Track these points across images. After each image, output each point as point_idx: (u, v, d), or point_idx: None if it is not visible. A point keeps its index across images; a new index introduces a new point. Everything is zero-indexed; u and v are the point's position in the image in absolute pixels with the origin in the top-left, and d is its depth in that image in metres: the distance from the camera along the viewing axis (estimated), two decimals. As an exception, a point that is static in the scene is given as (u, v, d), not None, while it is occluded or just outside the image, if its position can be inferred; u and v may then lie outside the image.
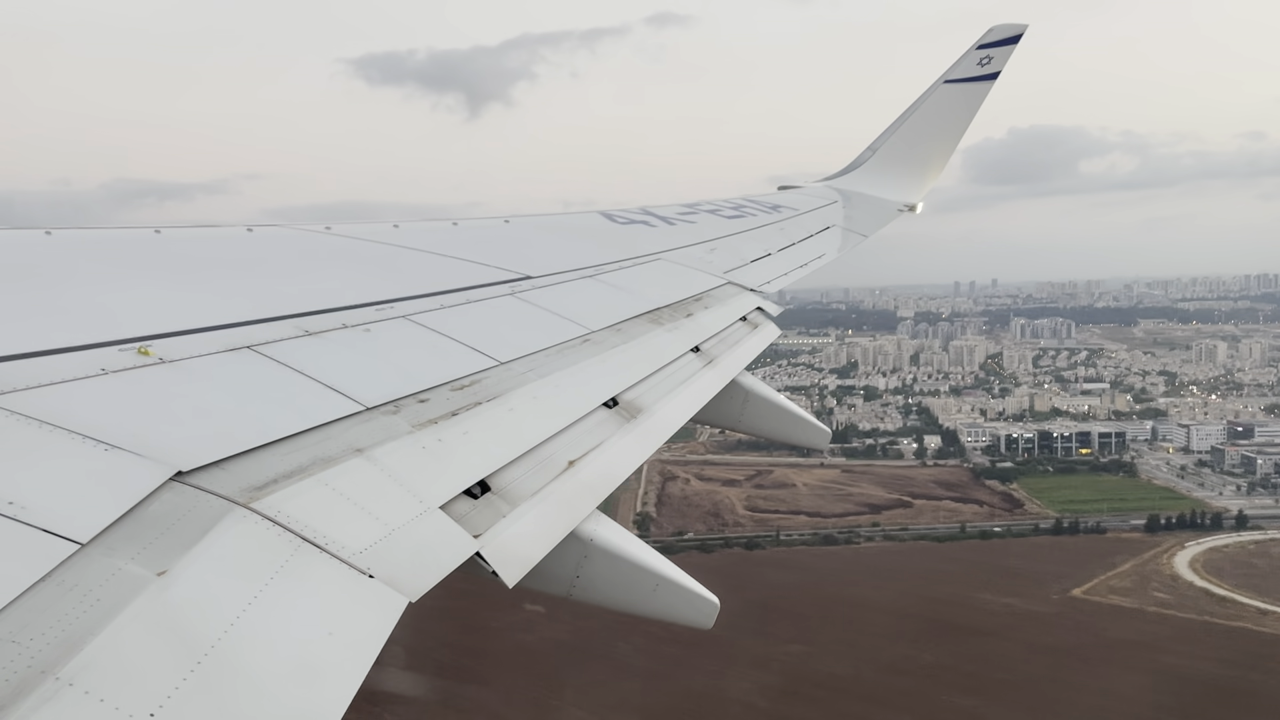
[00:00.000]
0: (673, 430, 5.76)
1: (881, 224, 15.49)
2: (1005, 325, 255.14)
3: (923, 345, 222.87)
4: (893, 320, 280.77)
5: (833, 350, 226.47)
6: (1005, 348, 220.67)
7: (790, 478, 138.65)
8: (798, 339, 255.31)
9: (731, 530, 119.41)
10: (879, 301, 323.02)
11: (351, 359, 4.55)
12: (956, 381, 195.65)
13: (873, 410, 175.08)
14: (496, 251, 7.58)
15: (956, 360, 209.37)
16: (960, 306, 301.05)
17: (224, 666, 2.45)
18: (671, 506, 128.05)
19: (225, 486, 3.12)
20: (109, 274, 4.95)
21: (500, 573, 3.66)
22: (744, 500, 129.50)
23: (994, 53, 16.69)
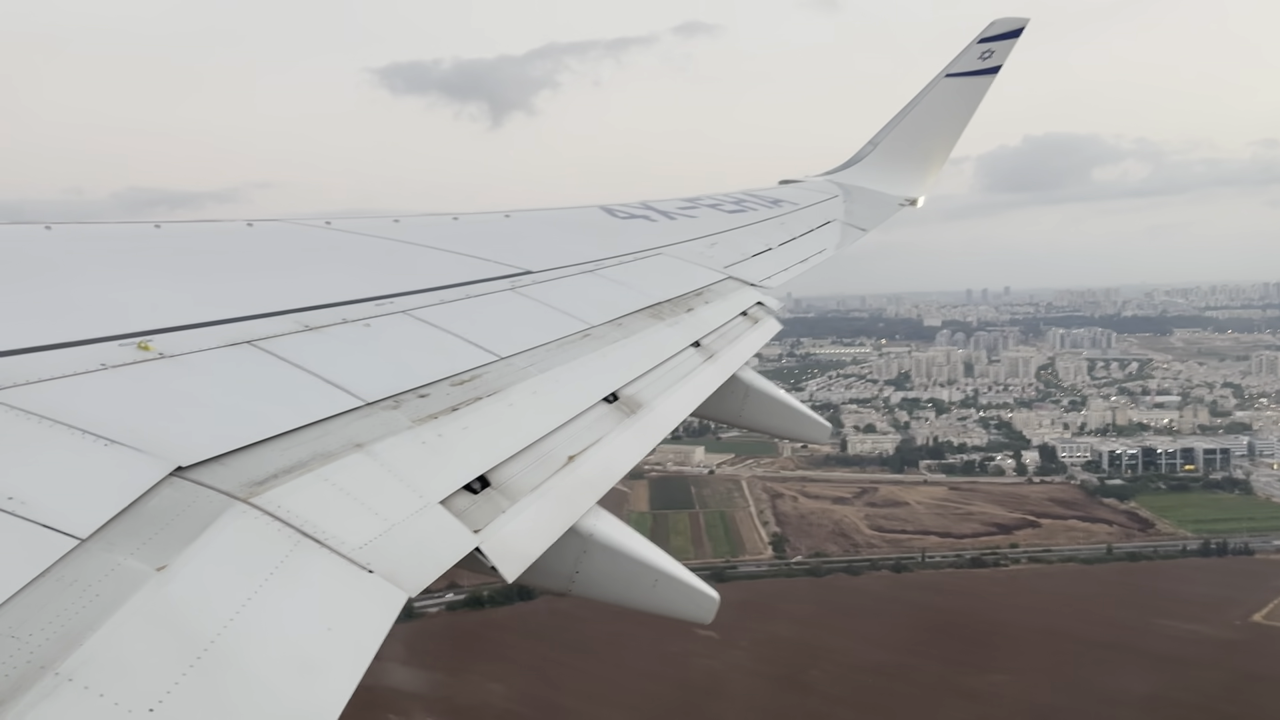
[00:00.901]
0: (673, 425, 5.77)
1: (883, 218, 15.47)
2: (1038, 334, 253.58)
3: (969, 356, 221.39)
4: (920, 329, 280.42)
5: (880, 362, 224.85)
6: (1055, 358, 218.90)
7: (898, 495, 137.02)
8: (833, 349, 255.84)
9: (866, 551, 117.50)
10: (900, 310, 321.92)
11: (351, 354, 4.55)
12: (1019, 393, 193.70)
13: (949, 424, 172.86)
14: (497, 246, 7.57)
15: (1011, 371, 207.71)
16: (984, 315, 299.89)
17: (223, 662, 2.45)
18: (793, 526, 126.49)
19: (225, 482, 3.12)
20: (109, 269, 4.95)
21: (500, 568, 3.66)
22: (864, 519, 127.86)
23: (995, 46, 16.65)
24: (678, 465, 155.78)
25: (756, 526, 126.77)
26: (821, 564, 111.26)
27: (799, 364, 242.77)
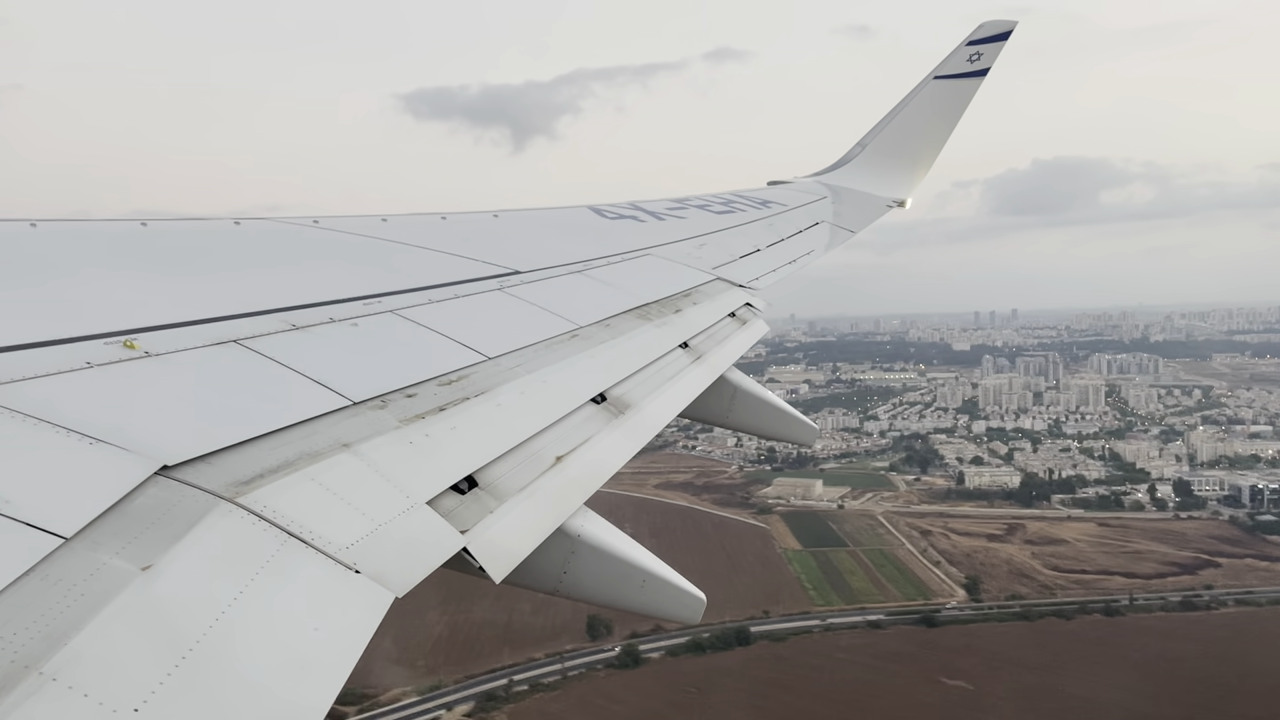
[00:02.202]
0: (661, 426, 5.77)
1: (870, 220, 15.51)
2: (1075, 359, 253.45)
3: (1029, 383, 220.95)
4: (950, 353, 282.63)
5: (945, 389, 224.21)
6: (1123, 386, 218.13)
7: (1049, 532, 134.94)
8: (875, 373, 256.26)
9: (1058, 592, 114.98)
10: (921, 334, 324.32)
11: (338, 354, 4.54)
12: (1099, 422, 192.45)
13: (1052, 456, 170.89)
14: (485, 246, 7.56)
15: (1081, 399, 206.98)
16: (1009, 339, 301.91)
17: (209, 661, 2.44)
18: (964, 565, 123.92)
19: (211, 481, 3.11)
20: (95, 267, 4.92)
21: (487, 568, 3.66)
22: (1032, 557, 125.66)
23: (984, 49, 16.73)
24: (802, 500, 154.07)
25: (928, 566, 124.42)
26: (1032, 608, 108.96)
27: (851, 390, 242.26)
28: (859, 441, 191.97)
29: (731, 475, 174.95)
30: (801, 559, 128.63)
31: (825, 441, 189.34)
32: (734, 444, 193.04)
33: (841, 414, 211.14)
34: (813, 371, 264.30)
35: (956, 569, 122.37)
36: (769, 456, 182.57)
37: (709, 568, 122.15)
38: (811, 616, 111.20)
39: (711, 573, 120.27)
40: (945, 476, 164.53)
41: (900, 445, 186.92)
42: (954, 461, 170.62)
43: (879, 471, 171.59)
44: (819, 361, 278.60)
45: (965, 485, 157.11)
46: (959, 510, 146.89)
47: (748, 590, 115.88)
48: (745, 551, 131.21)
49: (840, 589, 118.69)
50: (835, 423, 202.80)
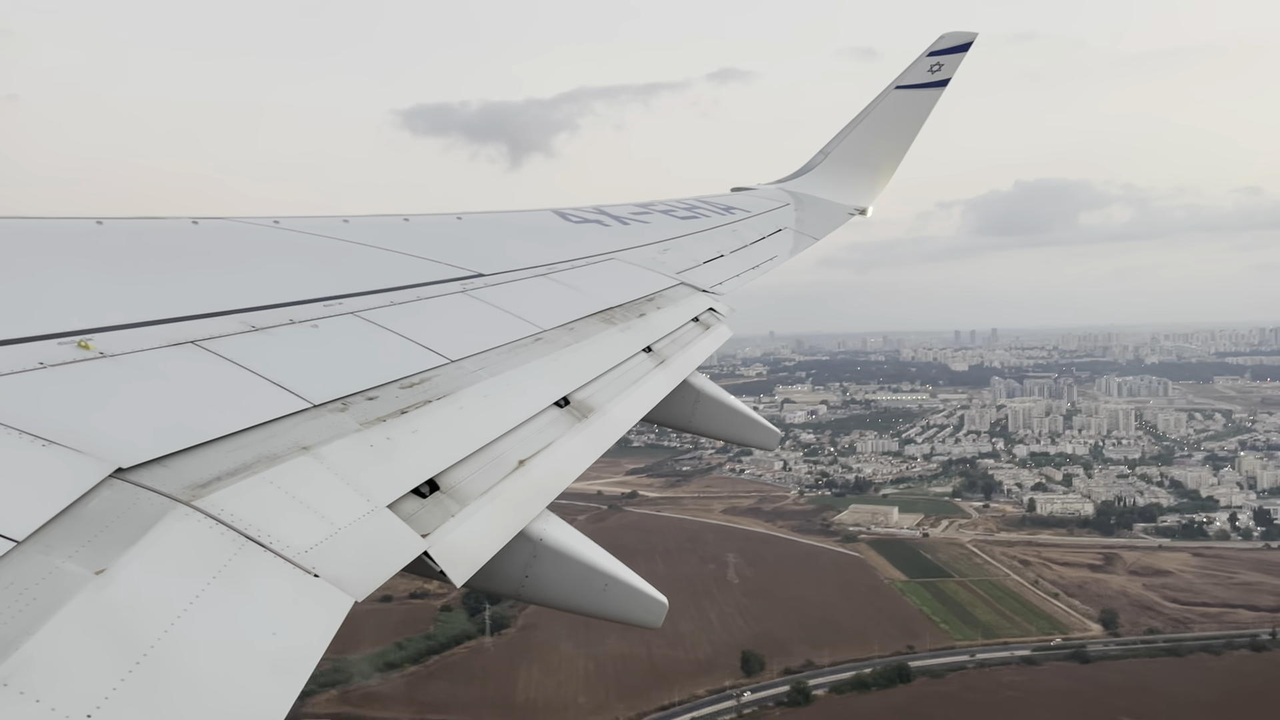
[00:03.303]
0: (624, 430, 5.77)
1: (832, 227, 15.64)
2: (1080, 381, 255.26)
3: (1051, 406, 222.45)
4: (948, 373, 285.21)
5: (972, 412, 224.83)
6: (1153, 410, 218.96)
7: (1147, 562, 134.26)
8: (887, 395, 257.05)
9: (1187, 625, 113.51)
10: (918, 354, 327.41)
11: (298, 355, 4.49)
12: (1140, 447, 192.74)
13: (1111, 481, 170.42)
14: (449, 248, 7.53)
15: (1112, 423, 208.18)
16: (1003, 359, 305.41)
17: (164, 667, 2.41)
18: (1085, 598, 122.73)
19: (167, 484, 3.07)
20: (48, 265, 4.84)
21: (448, 572, 3.64)
22: (1145, 588, 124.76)
23: (944, 60, 16.95)
24: (882, 527, 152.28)
25: (1046, 598, 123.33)
26: (1178, 643, 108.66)
27: (869, 411, 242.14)
28: (907, 466, 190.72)
29: (795, 501, 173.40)
30: (914, 590, 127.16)
31: (875, 466, 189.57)
32: (780, 467, 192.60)
33: (874, 437, 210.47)
34: (821, 391, 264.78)
35: (1076, 601, 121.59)
36: (827, 482, 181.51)
37: (826, 599, 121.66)
38: (958, 651, 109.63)
39: (831, 604, 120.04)
40: (1012, 503, 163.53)
41: (951, 470, 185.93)
42: (1015, 487, 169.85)
43: (942, 498, 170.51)
44: (825, 381, 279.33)
45: (1037, 512, 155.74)
46: (1043, 539, 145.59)
47: (875, 623, 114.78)
48: (854, 583, 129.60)
49: (970, 622, 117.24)
50: (874, 446, 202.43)
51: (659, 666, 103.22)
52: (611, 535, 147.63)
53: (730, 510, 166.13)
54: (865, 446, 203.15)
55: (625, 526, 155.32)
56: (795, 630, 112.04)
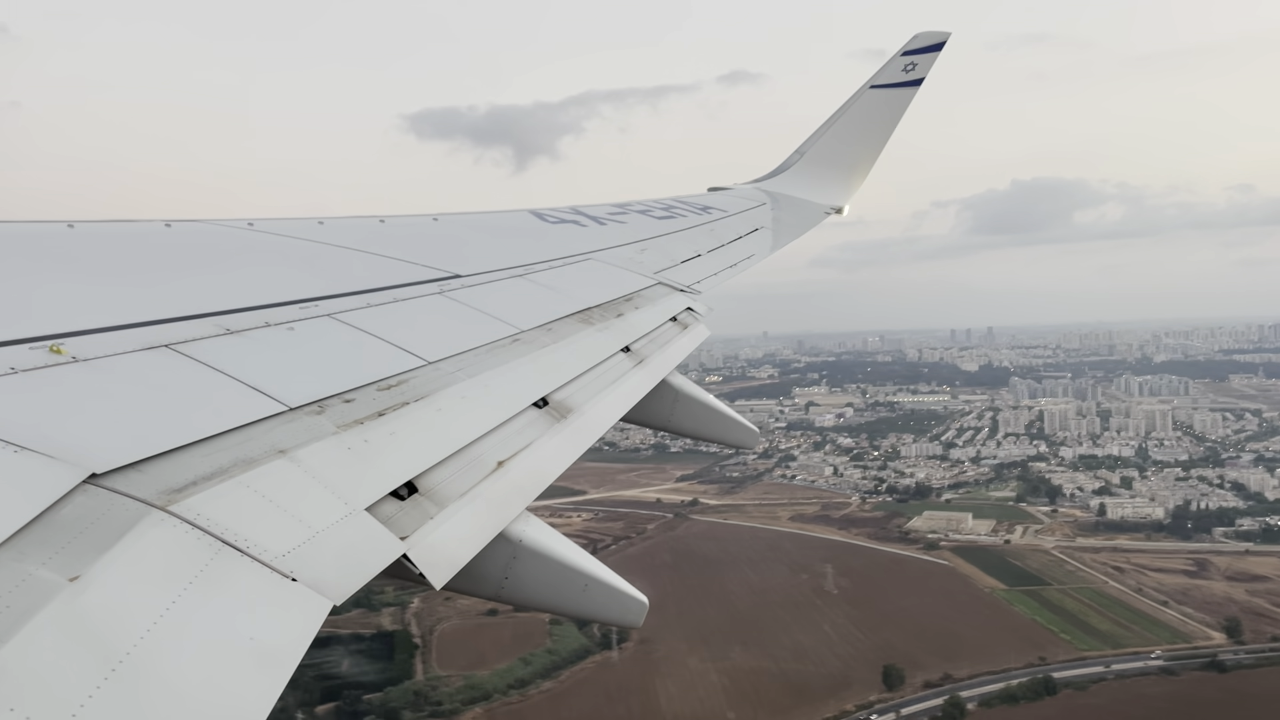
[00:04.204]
0: (604, 430, 5.77)
1: (809, 226, 15.70)
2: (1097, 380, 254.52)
3: (1082, 407, 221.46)
4: (959, 372, 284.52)
5: (1005, 414, 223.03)
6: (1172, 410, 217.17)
7: (1239, 567, 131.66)
8: (910, 396, 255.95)
9: None
10: (925, 355, 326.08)
11: (274, 358, 4.46)
12: (1184, 448, 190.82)
13: (1169, 484, 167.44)
14: (425, 250, 7.50)
15: (1149, 424, 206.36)
16: (1010, 359, 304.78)
17: (141, 673, 2.39)
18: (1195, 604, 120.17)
19: (142, 489, 3.04)
20: (19, 269, 4.78)
21: (427, 575, 3.63)
22: (1251, 594, 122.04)
23: (918, 59, 17.05)
24: (961, 534, 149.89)
25: (1157, 606, 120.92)
26: None
27: (894, 414, 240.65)
28: (959, 470, 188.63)
29: (860, 507, 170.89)
30: (1019, 599, 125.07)
31: (926, 470, 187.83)
32: (831, 473, 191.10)
33: (912, 440, 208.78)
34: (839, 394, 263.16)
35: (1188, 608, 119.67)
36: (887, 488, 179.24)
37: (933, 609, 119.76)
38: (1091, 663, 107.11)
39: (940, 614, 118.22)
40: (1079, 508, 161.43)
41: (1004, 474, 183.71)
42: (1077, 491, 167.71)
43: (1005, 502, 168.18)
44: (840, 383, 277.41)
45: (1108, 517, 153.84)
46: (1125, 545, 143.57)
47: (992, 634, 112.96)
48: (955, 592, 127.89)
49: (1089, 632, 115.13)
50: (917, 450, 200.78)
51: (794, 681, 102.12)
52: (688, 545, 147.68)
53: (797, 517, 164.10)
54: (909, 451, 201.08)
55: (698, 535, 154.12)
56: (915, 642, 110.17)
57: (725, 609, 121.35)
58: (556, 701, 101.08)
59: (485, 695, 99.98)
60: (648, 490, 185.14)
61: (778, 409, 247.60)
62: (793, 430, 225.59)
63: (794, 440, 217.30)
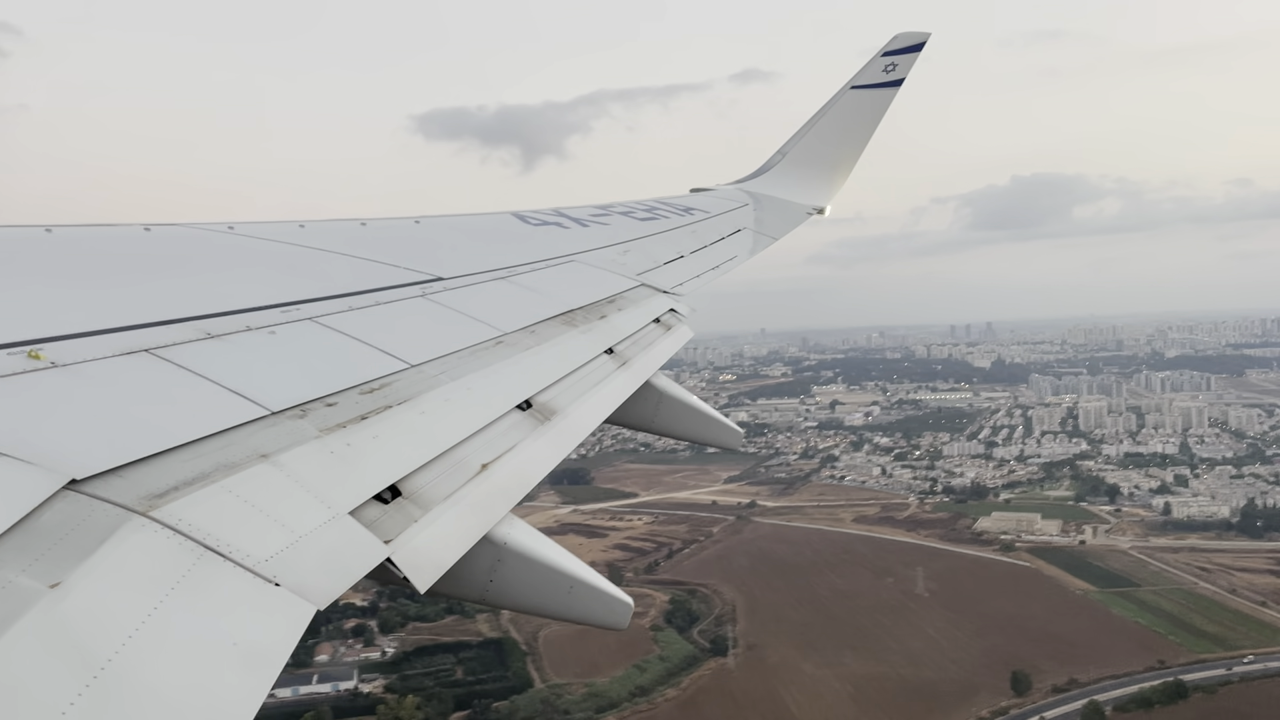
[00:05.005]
0: (587, 432, 5.77)
1: (791, 226, 15.74)
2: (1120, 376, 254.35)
3: (1111, 404, 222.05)
4: (971, 369, 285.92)
5: (1037, 411, 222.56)
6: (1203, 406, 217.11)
7: None
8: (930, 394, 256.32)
9: None
10: (936, 351, 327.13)
11: (256, 362, 4.44)
12: (1227, 445, 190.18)
13: (1225, 482, 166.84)
14: (407, 252, 7.48)
15: (1185, 421, 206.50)
16: (1023, 355, 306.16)
17: (123, 680, 2.37)
18: None
19: (123, 494, 3.02)
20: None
21: (412, 579, 3.62)
22: None
23: (899, 60, 17.13)
24: (1033, 535, 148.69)
25: (1256, 607, 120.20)
26: None
27: (921, 412, 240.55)
28: (1009, 469, 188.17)
29: (921, 508, 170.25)
30: (1114, 601, 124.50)
31: (975, 470, 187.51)
32: (879, 473, 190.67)
33: (948, 439, 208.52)
34: (859, 392, 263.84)
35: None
36: (945, 488, 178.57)
37: (1032, 611, 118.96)
38: (1211, 665, 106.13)
39: (1041, 617, 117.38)
40: (1142, 507, 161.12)
41: (1055, 473, 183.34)
42: (1135, 490, 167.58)
43: (1064, 502, 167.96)
44: (857, 381, 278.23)
45: (1173, 516, 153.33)
46: (1200, 544, 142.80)
47: (1100, 637, 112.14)
48: (1047, 594, 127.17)
49: (1196, 634, 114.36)
50: (959, 449, 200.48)
51: (918, 688, 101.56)
52: (760, 548, 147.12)
53: (860, 519, 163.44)
54: (951, 450, 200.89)
55: (766, 538, 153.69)
56: (1025, 646, 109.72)
57: (820, 614, 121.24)
58: (687, 710, 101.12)
59: (612, 703, 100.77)
60: (698, 492, 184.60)
61: (802, 408, 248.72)
62: (825, 430, 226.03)
63: (830, 440, 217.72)
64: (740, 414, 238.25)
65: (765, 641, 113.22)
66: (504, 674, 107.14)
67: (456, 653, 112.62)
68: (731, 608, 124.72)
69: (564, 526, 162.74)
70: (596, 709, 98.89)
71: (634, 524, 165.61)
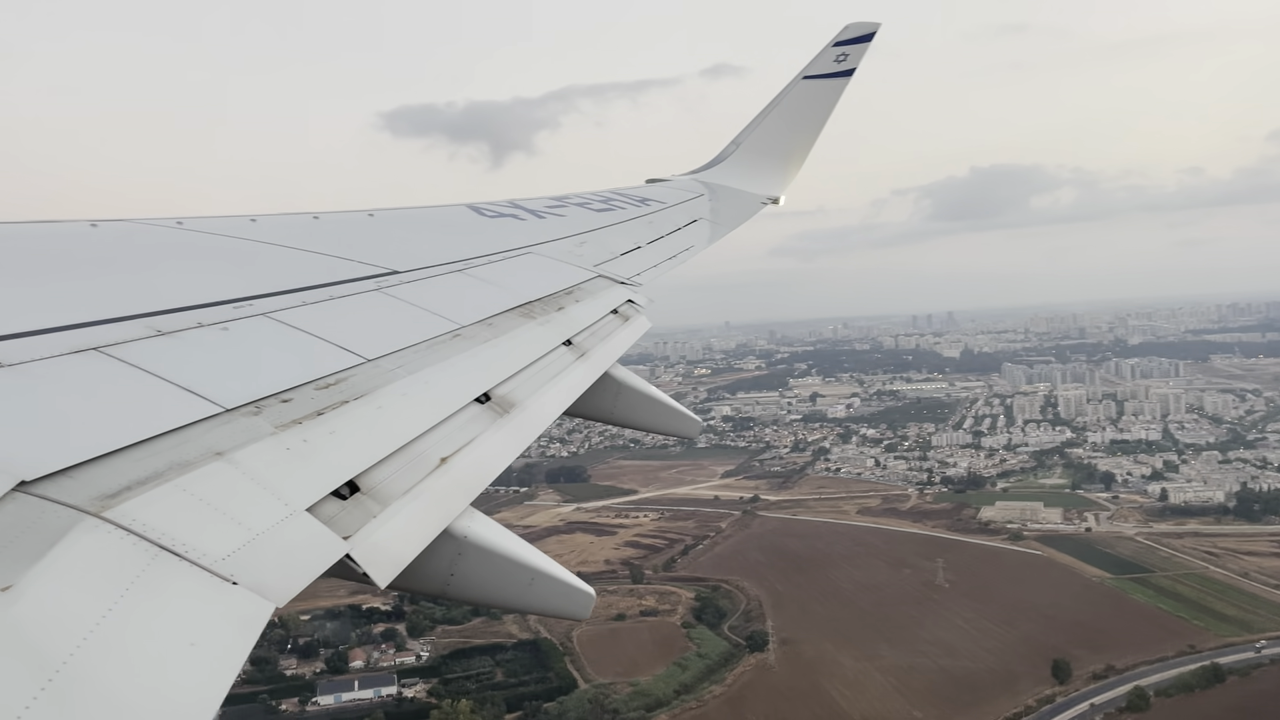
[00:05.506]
0: (547, 424, 5.77)
1: (746, 216, 15.82)
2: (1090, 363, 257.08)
3: (1088, 392, 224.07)
4: (940, 359, 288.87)
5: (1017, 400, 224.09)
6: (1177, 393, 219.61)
7: None
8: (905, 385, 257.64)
9: None
10: (903, 342, 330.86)
11: (208, 359, 4.38)
12: (1208, 431, 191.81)
13: (1213, 467, 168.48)
14: (361, 246, 7.41)
15: (1163, 407, 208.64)
16: (990, 345, 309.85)
17: (78, 683, 2.34)
18: None
19: (74, 495, 2.97)
20: (-64, 273, 4.62)
21: (371, 574, 3.61)
22: None
23: (849, 50, 17.26)
24: (1039, 524, 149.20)
25: (1270, 590, 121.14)
26: None
27: (899, 403, 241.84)
28: (1000, 458, 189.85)
29: (922, 499, 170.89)
30: (1134, 588, 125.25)
31: (967, 460, 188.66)
32: (872, 464, 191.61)
33: (933, 429, 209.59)
34: (834, 384, 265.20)
35: None
36: (944, 478, 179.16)
37: (1054, 600, 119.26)
38: (1240, 649, 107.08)
39: (1065, 605, 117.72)
40: (1138, 494, 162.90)
41: (1046, 461, 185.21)
42: (1127, 477, 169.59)
43: (1060, 490, 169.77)
44: (832, 373, 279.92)
45: (1170, 501, 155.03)
46: (1201, 529, 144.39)
47: (1127, 623, 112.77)
48: (1065, 582, 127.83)
49: (1220, 618, 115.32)
50: (948, 439, 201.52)
51: (959, 678, 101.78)
52: (772, 542, 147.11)
53: (864, 512, 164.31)
54: (940, 440, 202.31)
55: (776, 532, 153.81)
56: (1056, 634, 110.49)
57: (846, 607, 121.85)
58: (736, 705, 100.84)
59: (659, 702, 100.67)
60: (697, 487, 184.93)
61: (783, 401, 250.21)
62: (810, 423, 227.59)
63: (817, 433, 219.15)
64: (723, 408, 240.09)
65: (798, 636, 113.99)
66: (545, 675, 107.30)
67: (493, 655, 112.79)
68: (757, 603, 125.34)
69: (570, 525, 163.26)
70: (645, 708, 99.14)
71: (641, 521, 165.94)
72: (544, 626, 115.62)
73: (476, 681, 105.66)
